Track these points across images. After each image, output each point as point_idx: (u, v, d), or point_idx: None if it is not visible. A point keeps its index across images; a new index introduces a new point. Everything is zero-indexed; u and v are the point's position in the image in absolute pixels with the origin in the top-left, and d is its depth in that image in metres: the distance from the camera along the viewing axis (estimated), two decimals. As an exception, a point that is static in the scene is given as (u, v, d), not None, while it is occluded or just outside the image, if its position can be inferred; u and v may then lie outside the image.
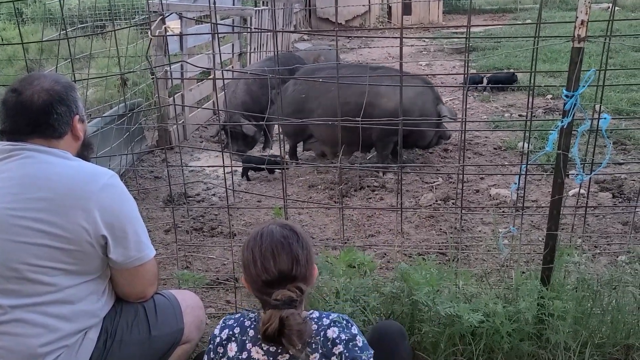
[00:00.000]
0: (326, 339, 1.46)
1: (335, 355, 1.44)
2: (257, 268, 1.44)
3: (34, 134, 1.68)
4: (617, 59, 9.16)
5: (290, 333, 1.39)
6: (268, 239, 1.47)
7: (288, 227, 1.51)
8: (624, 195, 4.26)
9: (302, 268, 1.45)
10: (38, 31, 12.10)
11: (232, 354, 1.49)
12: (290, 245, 1.46)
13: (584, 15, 2.07)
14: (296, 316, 1.41)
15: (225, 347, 1.50)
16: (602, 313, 2.33)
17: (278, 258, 1.44)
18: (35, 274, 1.59)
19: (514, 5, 19.08)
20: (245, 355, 1.47)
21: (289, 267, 1.44)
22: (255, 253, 1.46)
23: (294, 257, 1.45)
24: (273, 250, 1.44)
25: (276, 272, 1.43)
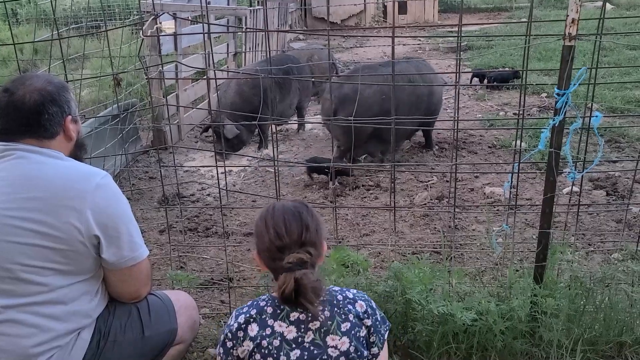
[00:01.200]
0: (356, 314, 1.54)
1: (365, 326, 1.54)
2: (270, 234, 1.51)
3: (25, 134, 1.68)
4: (611, 57, 9.19)
5: (306, 291, 1.46)
6: (280, 209, 1.56)
7: (299, 202, 1.62)
8: (618, 193, 4.27)
9: (312, 235, 1.53)
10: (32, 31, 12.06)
11: (254, 334, 1.51)
12: (301, 214, 1.55)
13: (574, 14, 2.07)
14: (309, 275, 1.48)
15: (245, 330, 1.53)
16: (595, 311, 2.34)
17: (289, 225, 1.52)
18: (28, 274, 1.59)
19: (509, 3, 19.13)
20: (268, 331, 1.50)
21: (299, 232, 1.51)
22: (268, 222, 1.54)
23: (304, 225, 1.53)
24: (284, 218, 1.53)
25: (287, 238, 1.50)
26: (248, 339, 1.51)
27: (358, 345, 1.51)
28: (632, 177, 4.48)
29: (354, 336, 1.51)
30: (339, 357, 1.49)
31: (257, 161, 5.48)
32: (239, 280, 3.14)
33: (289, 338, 1.49)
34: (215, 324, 2.73)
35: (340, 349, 1.49)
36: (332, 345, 1.49)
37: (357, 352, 1.50)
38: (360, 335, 1.52)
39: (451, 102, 7.57)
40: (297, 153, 5.78)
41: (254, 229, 1.60)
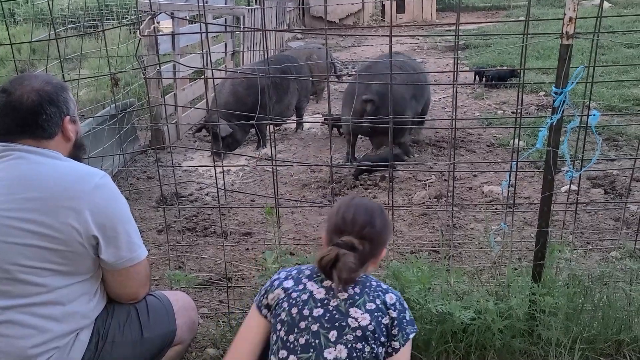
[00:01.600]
0: (384, 300, 1.62)
1: (390, 317, 1.60)
2: (337, 217, 1.64)
3: (23, 134, 1.68)
4: (609, 55, 9.20)
5: (342, 267, 1.55)
6: (357, 202, 1.69)
7: (377, 204, 1.72)
8: (616, 192, 4.28)
9: (373, 233, 1.63)
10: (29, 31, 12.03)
11: (288, 286, 1.66)
12: (373, 213, 1.66)
13: (572, 12, 2.08)
14: (351, 257, 1.57)
15: (280, 281, 1.68)
16: (593, 309, 2.34)
17: (357, 215, 1.63)
18: (26, 275, 1.59)
19: (506, 2, 19.13)
20: (300, 287, 1.64)
21: (363, 225, 1.62)
22: (340, 207, 1.67)
23: (371, 222, 1.63)
24: (356, 209, 1.65)
25: (350, 225, 1.62)
26: (281, 287, 1.66)
27: (377, 328, 1.56)
28: (629, 176, 4.49)
29: (376, 318, 1.57)
30: (356, 330, 1.55)
31: (255, 161, 5.48)
32: (237, 280, 3.14)
33: (317, 297, 1.60)
34: (214, 323, 2.73)
35: (360, 323, 1.56)
36: (353, 316, 1.56)
37: (375, 334, 1.56)
38: (382, 321, 1.58)
39: (449, 101, 7.58)
40: (295, 152, 5.78)
41: (329, 213, 1.73)
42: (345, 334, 1.54)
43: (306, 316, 1.58)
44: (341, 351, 1.53)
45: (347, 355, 1.53)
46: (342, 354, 1.53)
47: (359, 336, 1.54)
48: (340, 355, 1.53)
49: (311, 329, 1.56)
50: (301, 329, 1.57)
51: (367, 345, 1.54)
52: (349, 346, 1.53)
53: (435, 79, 8.31)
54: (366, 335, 1.54)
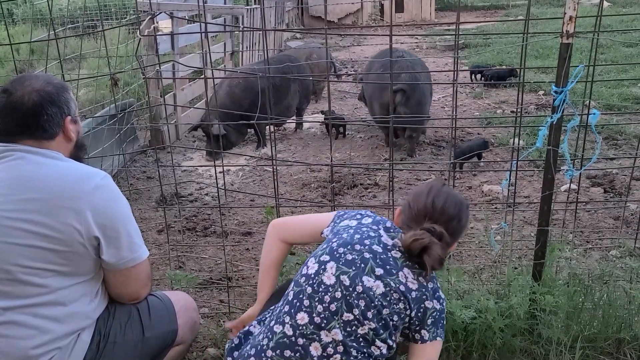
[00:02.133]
0: (437, 290, 1.64)
1: (432, 305, 1.61)
2: (428, 199, 1.64)
3: (24, 135, 1.67)
4: (608, 54, 9.20)
5: (432, 255, 1.56)
6: (448, 191, 1.69)
7: (464, 200, 1.72)
8: (616, 190, 4.28)
9: (457, 228, 1.65)
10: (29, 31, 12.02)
11: (365, 222, 1.70)
12: (461, 208, 1.67)
13: (572, 12, 2.08)
14: (439, 249, 1.57)
15: (361, 218, 1.73)
16: (593, 308, 2.35)
17: (447, 206, 1.64)
18: (27, 276, 1.59)
19: (505, 1, 19.13)
20: (375, 228, 1.68)
21: (452, 217, 1.63)
22: (432, 190, 1.66)
23: (459, 216, 1.65)
24: (447, 199, 1.65)
25: (438, 213, 1.62)
26: (356, 220, 1.72)
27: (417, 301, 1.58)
28: (629, 174, 4.49)
29: (421, 293, 1.58)
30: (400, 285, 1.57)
31: (254, 160, 5.48)
32: (237, 280, 3.14)
33: (383, 241, 1.64)
34: (215, 323, 2.73)
35: (407, 283, 1.58)
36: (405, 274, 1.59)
37: (412, 303, 1.57)
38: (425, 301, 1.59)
39: (449, 100, 7.58)
40: (295, 152, 5.78)
41: (415, 190, 1.72)
42: (390, 279, 1.57)
43: (365, 244, 1.61)
44: (378, 286, 1.56)
45: (382, 293, 1.55)
46: (379, 289, 1.55)
47: (401, 290, 1.57)
48: (376, 289, 1.55)
49: (364, 254, 1.59)
50: (355, 249, 1.61)
51: (400, 301, 1.57)
52: (387, 289, 1.56)
53: (435, 79, 8.30)
54: (406, 296, 1.57)
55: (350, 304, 1.55)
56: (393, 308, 1.56)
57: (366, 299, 1.55)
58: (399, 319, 1.58)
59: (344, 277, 1.57)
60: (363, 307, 1.55)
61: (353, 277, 1.56)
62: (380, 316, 1.55)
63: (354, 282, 1.56)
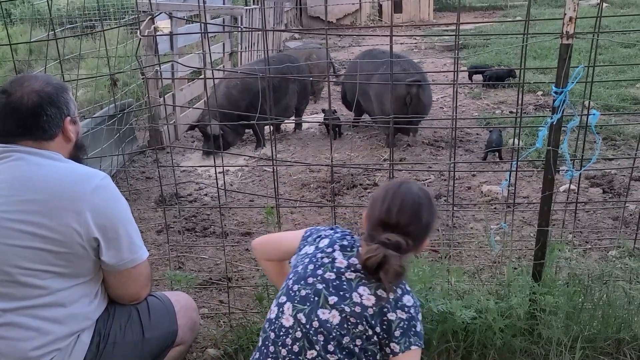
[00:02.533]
0: (400, 298, 1.58)
1: (397, 316, 1.56)
2: (382, 207, 1.59)
3: (24, 135, 1.67)
4: (606, 55, 9.21)
5: (389, 269, 1.52)
6: (405, 190, 1.62)
7: (426, 193, 1.65)
8: (614, 191, 4.29)
9: (419, 230, 1.59)
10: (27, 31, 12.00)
11: (322, 245, 1.69)
12: (420, 206, 1.60)
13: (572, 12, 2.08)
14: (398, 259, 1.54)
15: (320, 239, 1.71)
16: (593, 308, 2.35)
17: (404, 209, 1.58)
18: (27, 277, 1.58)
19: (503, 2, 19.14)
20: (329, 250, 1.66)
21: (409, 222, 1.57)
22: (387, 194, 1.61)
23: (418, 217, 1.59)
24: (403, 201, 1.59)
25: (395, 220, 1.57)
26: (314, 246, 1.69)
27: (377, 317, 1.55)
28: (628, 175, 4.50)
29: (380, 307, 1.55)
30: (357, 305, 1.55)
31: (254, 160, 5.48)
32: (237, 280, 3.14)
33: (337, 265, 1.61)
34: (215, 324, 2.73)
35: (362, 302, 1.55)
36: (360, 293, 1.56)
37: (372, 320, 1.54)
38: (385, 314, 1.55)
39: (447, 101, 7.59)
40: (294, 152, 5.78)
41: (373, 194, 1.68)
42: (344, 304, 1.55)
43: (318, 275, 1.60)
44: (334, 316, 1.54)
45: (338, 323, 1.54)
46: (335, 319, 1.54)
47: (357, 312, 1.54)
48: (333, 320, 1.54)
49: (316, 286, 1.58)
50: (308, 283, 1.60)
51: (360, 324, 1.54)
52: (343, 316, 1.54)
53: (434, 79, 8.32)
54: (363, 315, 1.54)
55: (311, 341, 1.54)
56: (353, 333, 1.54)
57: (324, 332, 1.53)
58: (363, 341, 1.55)
59: (300, 315, 1.56)
60: (322, 342, 1.53)
61: (309, 314, 1.55)
62: (341, 346, 1.53)
63: (309, 318, 1.55)
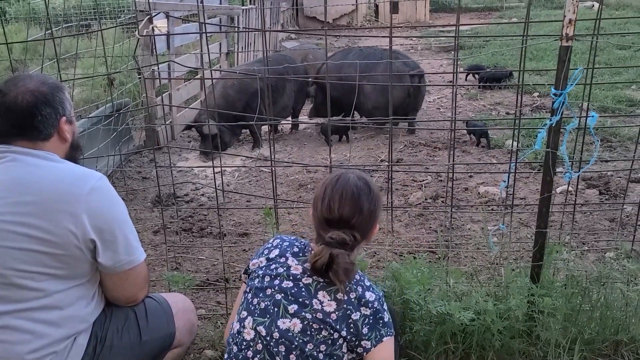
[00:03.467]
0: (362, 295, 1.58)
1: (361, 313, 1.56)
2: (323, 205, 1.58)
3: (18, 136, 1.65)
4: (602, 56, 9.25)
5: (337, 269, 1.52)
6: (342, 182, 1.60)
7: (364, 181, 1.63)
8: (611, 192, 4.30)
9: (363, 220, 1.58)
10: (22, 30, 11.94)
11: (272, 256, 1.66)
12: (360, 197, 1.58)
13: (572, 14, 2.08)
14: (345, 256, 1.53)
15: (270, 250, 1.69)
16: (591, 309, 2.35)
17: (344, 202, 1.57)
18: (23, 280, 1.57)
19: (499, 3, 19.20)
20: (282, 260, 1.64)
21: (351, 215, 1.56)
22: (326, 191, 1.60)
23: (359, 208, 1.57)
24: (342, 195, 1.57)
25: (337, 215, 1.56)
26: (265, 257, 1.67)
27: (342, 321, 1.54)
28: (624, 176, 4.52)
29: (343, 310, 1.55)
30: (317, 312, 1.54)
31: (251, 161, 5.47)
32: (235, 281, 3.12)
33: (292, 272, 1.61)
34: (212, 325, 2.71)
35: (323, 308, 1.55)
36: (319, 299, 1.56)
37: (336, 325, 1.54)
38: (351, 315, 1.55)
39: (444, 102, 7.60)
40: (291, 153, 5.77)
41: (315, 191, 1.66)
42: (305, 312, 1.54)
43: (274, 285, 1.59)
44: (295, 324, 1.54)
45: (300, 330, 1.53)
46: (296, 327, 1.54)
47: (318, 318, 1.54)
48: (294, 328, 1.54)
49: (274, 297, 1.58)
50: (266, 295, 1.59)
51: (324, 330, 1.53)
52: (305, 323, 1.54)
53: (430, 80, 8.33)
54: (326, 321, 1.53)
55: (272, 353, 1.54)
56: (317, 340, 1.53)
57: (285, 342, 1.53)
58: (328, 346, 1.54)
59: (260, 328, 1.55)
60: (284, 353, 1.53)
61: (269, 326, 1.55)
62: (304, 355, 1.53)
63: (270, 330, 1.54)
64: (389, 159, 2.52)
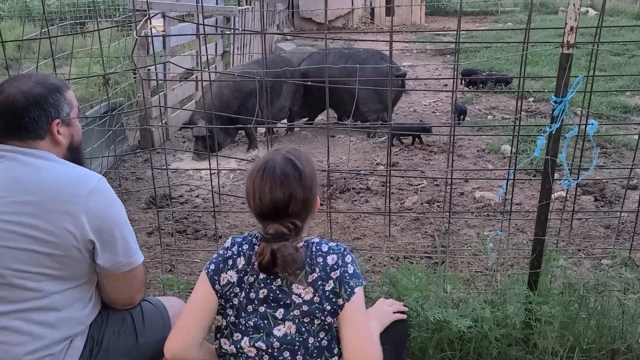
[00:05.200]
0: (326, 264, 1.55)
1: (332, 279, 1.54)
2: (255, 200, 1.52)
3: (8, 136, 1.63)
4: (597, 62, 9.29)
5: (282, 263, 1.48)
6: (269, 173, 1.52)
7: (291, 163, 1.54)
8: (606, 199, 4.31)
9: (298, 205, 1.52)
10: (15, 27, 11.87)
11: (240, 267, 1.59)
12: (290, 184, 1.51)
13: (573, 22, 2.08)
14: (288, 247, 1.48)
15: (234, 260, 1.60)
16: (588, 318, 2.35)
17: (274, 194, 1.50)
18: (21, 280, 1.55)
19: (494, 7, 19.28)
20: (250, 268, 1.58)
21: (284, 203, 1.50)
22: (255, 185, 1.52)
23: (291, 194, 1.50)
24: (271, 187, 1.50)
25: (271, 207, 1.50)
26: (235, 269, 1.58)
27: (322, 298, 1.53)
28: (619, 183, 4.53)
29: (320, 288, 1.53)
30: (302, 305, 1.53)
31: (247, 162, 5.45)
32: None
33: (261, 277, 1.56)
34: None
35: (303, 298, 1.53)
36: (296, 292, 1.54)
37: (321, 305, 1.53)
38: (326, 288, 1.53)
39: (440, 105, 7.61)
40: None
41: (245, 186, 1.59)
42: (291, 310, 1.53)
43: (252, 299, 1.56)
44: (290, 327, 1.53)
45: (296, 330, 1.53)
46: (292, 329, 1.53)
47: (305, 310, 1.53)
48: (290, 330, 1.53)
49: (259, 310, 1.55)
50: (249, 312, 1.56)
51: (315, 318, 1.53)
52: (297, 321, 1.53)
53: (426, 84, 8.34)
54: (312, 308, 1.53)
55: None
56: (314, 331, 1.54)
57: (288, 347, 1.53)
58: (326, 332, 1.55)
59: (259, 343, 1.54)
60: (290, 357, 1.53)
61: (266, 339, 1.54)
62: (309, 351, 1.53)
63: (268, 341, 1.53)
64: (387, 163, 2.51)
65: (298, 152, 1.60)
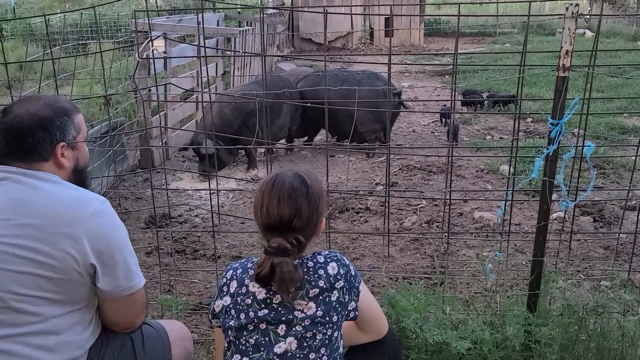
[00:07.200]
0: (328, 274, 1.58)
1: (337, 289, 1.57)
2: (262, 212, 1.56)
3: (12, 156, 1.63)
4: (594, 83, 9.35)
5: (280, 279, 1.50)
6: (278, 186, 1.56)
7: (301, 179, 1.59)
8: (605, 220, 4.32)
9: (303, 221, 1.55)
10: (17, 47, 11.98)
11: (233, 290, 1.61)
12: (297, 198, 1.55)
13: (568, 46, 2.11)
14: (288, 264, 1.51)
15: (228, 286, 1.63)
16: (587, 340, 2.34)
17: (281, 207, 1.54)
18: (20, 303, 1.54)
19: (492, 29, 19.47)
20: (244, 290, 1.59)
21: (290, 218, 1.54)
22: (264, 197, 1.56)
23: (297, 210, 1.54)
24: (279, 199, 1.54)
25: (277, 219, 1.54)
26: (228, 294, 1.61)
27: (327, 310, 1.55)
28: (617, 204, 4.54)
29: (323, 301, 1.55)
30: (305, 319, 1.54)
31: (246, 182, 5.46)
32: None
33: (259, 298, 1.57)
34: (205, 349, 2.67)
35: (306, 313, 1.54)
36: (298, 308, 1.55)
37: (325, 318, 1.54)
38: (331, 299, 1.56)
39: (438, 125, 7.64)
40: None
41: (254, 197, 1.63)
42: (294, 326, 1.54)
43: (252, 318, 1.56)
44: (291, 343, 1.53)
45: (297, 346, 1.53)
46: (292, 345, 1.53)
47: (307, 325, 1.53)
48: (291, 347, 1.53)
49: (259, 327, 1.55)
50: (250, 330, 1.56)
51: (318, 332, 1.54)
52: (299, 337, 1.53)
53: (425, 105, 8.40)
54: (315, 322, 1.53)
55: None
56: (315, 346, 1.54)
57: None
58: (327, 346, 1.56)
59: None
60: None
61: (267, 356, 1.53)
62: None
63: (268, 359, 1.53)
64: (386, 183, 2.52)
65: (308, 171, 1.66)
